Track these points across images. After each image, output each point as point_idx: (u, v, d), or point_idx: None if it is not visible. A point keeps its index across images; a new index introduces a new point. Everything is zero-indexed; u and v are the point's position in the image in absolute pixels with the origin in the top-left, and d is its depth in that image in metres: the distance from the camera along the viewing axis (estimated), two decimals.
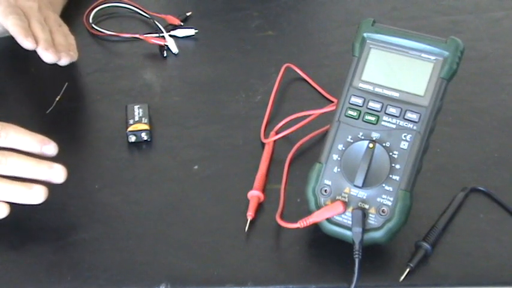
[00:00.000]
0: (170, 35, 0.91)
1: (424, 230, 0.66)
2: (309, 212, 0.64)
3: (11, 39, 0.79)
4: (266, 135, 0.78)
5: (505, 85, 0.85)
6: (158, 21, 0.92)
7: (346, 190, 0.63)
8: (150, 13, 0.93)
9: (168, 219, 0.69)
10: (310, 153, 0.75)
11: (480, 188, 0.71)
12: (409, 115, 0.63)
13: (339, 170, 0.63)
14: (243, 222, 0.68)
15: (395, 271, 0.64)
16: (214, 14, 0.97)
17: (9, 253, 0.66)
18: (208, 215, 0.69)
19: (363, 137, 0.63)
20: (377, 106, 0.64)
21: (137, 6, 0.94)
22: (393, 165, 0.62)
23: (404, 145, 0.62)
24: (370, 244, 0.62)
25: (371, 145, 0.62)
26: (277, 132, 0.77)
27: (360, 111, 0.64)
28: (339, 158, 0.64)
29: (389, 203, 0.62)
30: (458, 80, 0.65)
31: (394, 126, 0.63)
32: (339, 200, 0.63)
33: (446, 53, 0.63)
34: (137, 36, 0.89)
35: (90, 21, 0.92)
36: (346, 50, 0.68)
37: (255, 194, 0.70)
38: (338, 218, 0.63)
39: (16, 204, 0.70)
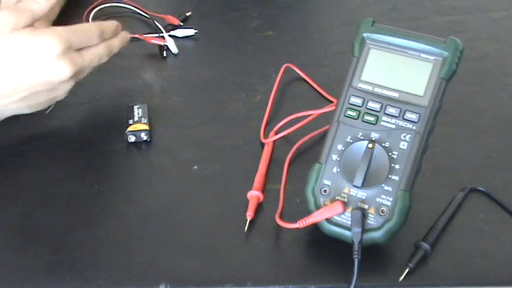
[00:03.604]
0: (170, 35, 0.91)
1: (423, 230, 0.66)
2: (308, 212, 0.64)
3: None
4: (266, 136, 0.78)
5: (505, 85, 0.85)
6: (158, 21, 0.92)
7: (346, 190, 0.63)
8: (150, 13, 0.94)
9: (167, 219, 0.69)
10: (310, 154, 0.75)
11: (479, 188, 0.71)
12: (408, 115, 0.63)
13: (338, 170, 0.63)
14: (243, 222, 0.68)
15: (394, 271, 0.64)
16: (214, 14, 0.97)
17: (8, 253, 0.66)
18: (207, 215, 0.69)
19: (362, 137, 0.63)
20: (376, 106, 0.64)
21: (137, 6, 0.94)
22: (392, 165, 0.62)
23: (403, 145, 0.63)
24: (370, 244, 0.62)
25: (370, 145, 0.62)
26: (276, 133, 0.77)
27: (360, 112, 0.64)
28: (338, 158, 0.64)
29: (389, 203, 0.62)
30: (458, 80, 0.65)
31: (393, 126, 0.63)
32: (338, 200, 0.63)
33: (445, 53, 0.63)
34: (137, 36, 0.89)
35: (90, 21, 0.92)
36: (346, 50, 0.68)
37: (254, 194, 0.70)
38: (337, 218, 0.63)
39: (17, 202, 0.70)
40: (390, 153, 0.62)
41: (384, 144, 0.63)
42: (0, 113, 0.72)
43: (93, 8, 0.93)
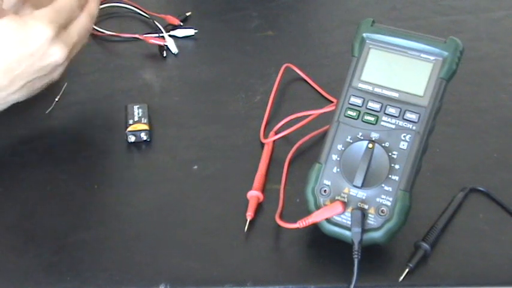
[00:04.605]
0: (170, 35, 0.91)
1: (423, 230, 0.66)
2: (308, 212, 0.64)
3: None
4: (265, 135, 0.78)
5: (505, 85, 0.85)
6: (158, 21, 0.92)
7: (346, 190, 0.63)
8: (150, 13, 0.94)
9: (167, 219, 0.69)
10: (310, 154, 0.75)
11: (479, 188, 0.71)
12: (408, 115, 0.63)
13: (338, 170, 0.63)
14: (243, 222, 0.68)
15: (394, 271, 0.64)
16: (214, 14, 0.97)
17: (8, 253, 0.66)
18: (207, 215, 0.69)
19: (362, 137, 0.63)
20: (376, 106, 0.64)
21: (137, 6, 0.94)
22: (392, 165, 0.62)
23: (403, 145, 0.63)
24: (370, 244, 0.62)
25: (370, 145, 0.62)
26: (276, 133, 0.77)
27: (360, 112, 0.64)
28: (338, 158, 0.64)
29: (389, 203, 0.62)
30: (457, 80, 0.65)
31: (393, 126, 0.63)
32: (338, 200, 0.63)
33: (445, 53, 0.63)
34: (137, 36, 0.89)
35: None
36: (346, 50, 0.68)
37: (254, 194, 0.70)
38: (337, 218, 0.63)
39: (17, 202, 0.70)
40: (390, 153, 0.62)
41: (383, 144, 0.63)
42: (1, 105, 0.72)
43: None
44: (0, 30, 0.67)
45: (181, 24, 0.94)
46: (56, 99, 0.79)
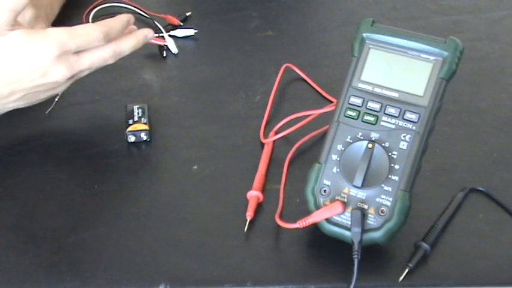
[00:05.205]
0: (170, 35, 0.91)
1: (423, 230, 0.66)
2: (308, 212, 0.64)
3: None
4: (265, 135, 0.78)
5: (505, 85, 0.85)
6: (158, 21, 0.92)
7: (346, 190, 0.63)
8: (150, 13, 0.94)
9: (167, 219, 0.69)
10: (310, 154, 0.75)
11: (479, 188, 0.71)
12: (408, 115, 0.63)
13: (338, 170, 0.63)
14: (242, 222, 0.68)
15: (394, 271, 0.64)
16: (214, 14, 0.97)
17: (8, 253, 0.66)
18: (207, 215, 0.69)
19: (362, 137, 0.63)
20: (376, 106, 0.64)
21: (137, 6, 0.94)
22: (392, 165, 0.62)
23: (403, 145, 0.62)
24: (370, 244, 0.62)
25: (370, 145, 0.62)
26: (276, 133, 0.77)
27: (359, 112, 0.64)
28: (338, 158, 0.64)
29: (389, 203, 0.62)
30: (457, 80, 0.65)
31: (393, 126, 0.63)
32: (338, 200, 0.63)
33: (445, 53, 0.63)
34: None
35: (90, 21, 0.92)
36: (346, 50, 0.68)
37: (254, 194, 0.70)
38: (337, 218, 0.63)
39: (17, 202, 0.70)
40: (390, 154, 0.62)
41: (383, 144, 0.63)
42: (0, 111, 0.72)
43: (93, 8, 0.93)
44: (9, 42, 0.67)
45: (181, 24, 0.94)
46: (56, 99, 0.79)
